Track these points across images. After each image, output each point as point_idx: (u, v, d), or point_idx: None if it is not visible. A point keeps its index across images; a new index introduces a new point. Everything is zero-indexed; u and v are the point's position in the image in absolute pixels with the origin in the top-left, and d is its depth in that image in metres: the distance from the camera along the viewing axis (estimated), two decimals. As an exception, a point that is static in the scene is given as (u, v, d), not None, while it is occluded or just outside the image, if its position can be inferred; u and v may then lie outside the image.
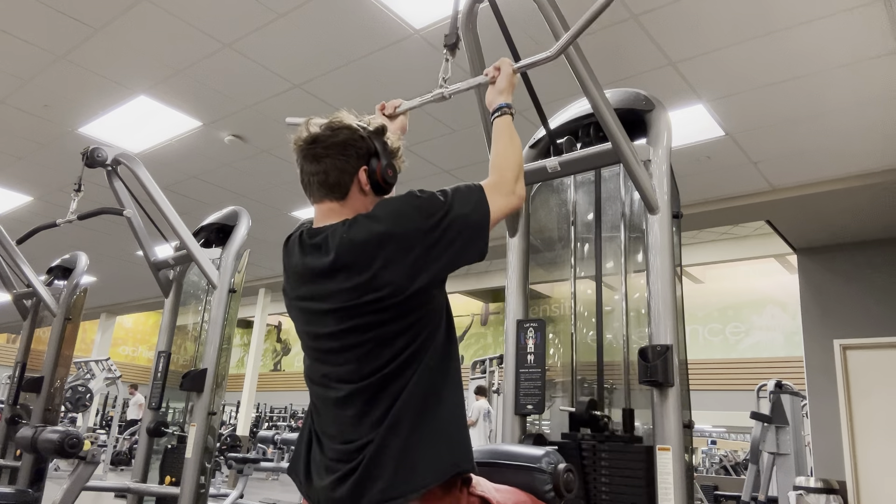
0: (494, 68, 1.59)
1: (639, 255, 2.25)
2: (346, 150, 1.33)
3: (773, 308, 12.21)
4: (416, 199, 1.28)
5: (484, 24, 2.00)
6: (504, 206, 1.36)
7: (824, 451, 6.02)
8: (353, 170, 1.33)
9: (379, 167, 1.34)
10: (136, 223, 3.42)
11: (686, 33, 3.58)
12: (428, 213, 1.27)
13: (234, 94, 4.58)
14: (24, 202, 7.04)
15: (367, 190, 1.35)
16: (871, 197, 5.22)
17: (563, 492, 1.51)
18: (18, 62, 4.31)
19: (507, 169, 1.40)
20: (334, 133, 1.33)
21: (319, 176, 1.33)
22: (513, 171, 1.40)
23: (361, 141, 1.34)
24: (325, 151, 1.32)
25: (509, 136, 1.46)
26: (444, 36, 1.75)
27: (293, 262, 1.37)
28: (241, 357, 19.63)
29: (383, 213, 1.29)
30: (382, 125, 1.40)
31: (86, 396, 9.34)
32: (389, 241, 1.24)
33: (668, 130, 2.14)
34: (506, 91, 1.55)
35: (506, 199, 1.37)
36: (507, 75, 1.57)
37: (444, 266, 1.28)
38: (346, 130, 1.34)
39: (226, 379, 3.21)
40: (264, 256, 8.24)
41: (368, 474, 1.20)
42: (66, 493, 2.63)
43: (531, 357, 2.26)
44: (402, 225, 1.26)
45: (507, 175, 1.39)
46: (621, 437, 2.07)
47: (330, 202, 1.34)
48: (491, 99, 1.57)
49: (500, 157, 1.42)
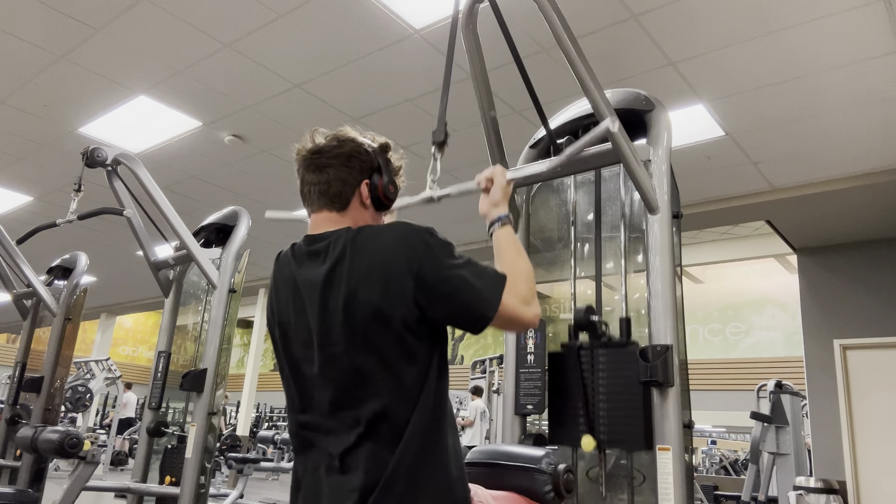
0: (487, 179, 1.50)
1: (639, 255, 2.25)
2: (350, 162, 1.31)
3: (773, 308, 12.21)
4: (431, 238, 1.22)
5: (484, 25, 2.00)
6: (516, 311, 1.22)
7: (824, 451, 6.02)
8: (355, 182, 1.32)
9: (381, 183, 1.33)
10: (136, 223, 3.42)
11: (686, 33, 3.58)
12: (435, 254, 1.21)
13: (234, 94, 4.58)
14: (24, 202, 7.05)
15: (368, 204, 1.33)
16: (871, 197, 5.22)
17: (562, 492, 1.51)
18: (18, 62, 4.32)
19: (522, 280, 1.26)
20: (339, 145, 1.31)
21: (321, 186, 1.31)
22: (528, 283, 1.27)
23: (366, 155, 1.33)
24: (328, 162, 1.31)
25: (516, 248, 1.35)
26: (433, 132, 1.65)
27: (284, 275, 1.32)
28: (241, 357, 19.63)
29: (394, 233, 1.23)
30: (387, 142, 1.38)
31: (86, 396, 9.35)
32: (393, 262, 1.19)
33: (668, 130, 2.14)
34: (501, 203, 1.45)
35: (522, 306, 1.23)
36: (501, 186, 1.47)
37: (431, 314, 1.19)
38: (351, 143, 1.32)
39: (225, 379, 3.21)
40: (264, 256, 8.22)
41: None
42: (66, 493, 2.63)
43: (531, 357, 2.27)
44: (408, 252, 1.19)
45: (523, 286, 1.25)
46: (618, 341, 2.12)
47: (329, 211, 1.32)
48: (486, 211, 1.46)
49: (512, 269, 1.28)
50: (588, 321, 2.13)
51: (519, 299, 1.23)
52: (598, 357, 2.11)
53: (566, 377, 2.16)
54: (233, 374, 17.26)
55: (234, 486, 6.07)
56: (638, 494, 2.06)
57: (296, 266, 1.31)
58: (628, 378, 2.00)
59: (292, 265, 1.32)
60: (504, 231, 1.39)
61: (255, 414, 15.14)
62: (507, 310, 1.20)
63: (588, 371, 2.11)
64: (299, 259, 1.31)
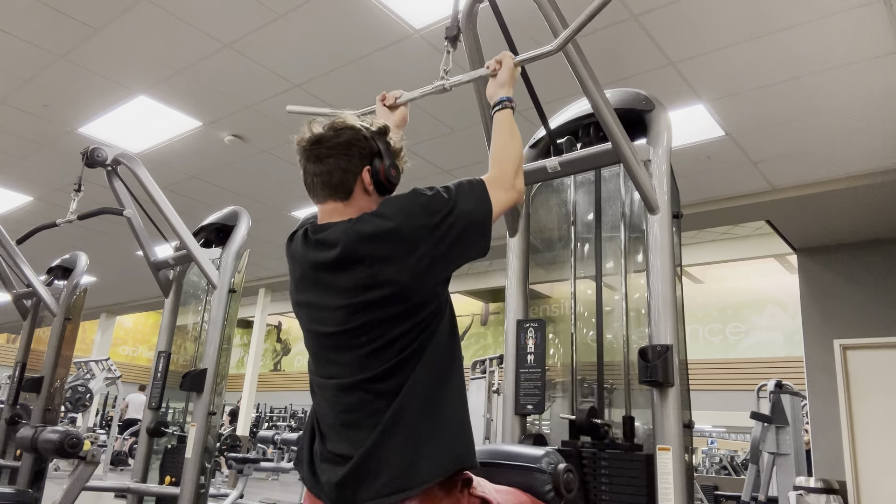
0: (496, 61, 1.59)
1: (639, 255, 2.25)
2: (350, 150, 1.32)
3: (773, 308, 12.20)
4: (422, 197, 1.29)
5: (484, 25, 2.00)
6: (504, 201, 1.37)
7: (824, 451, 6.02)
8: (356, 170, 1.33)
9: (382, 167, 1.34)
10: (136, 223, 3.42)
11: (686, 33, 3.58)
12: (433, 210, 1.28)
13: (234, 94, 4.58)
14: (24, 202, 7.04)
15: (371, 190, 1.34)
16: (872, 197, 5.22)
17: (563, 492, 1.51)
18: (18, 62, 4.31)
19: (506, 162, 1.41)
20: (337, 133, 1.33)
21: (323, 176, 1.33)
22: (513, 164, 1.41)
23: (364, 141, 1.34)
24: (328, 152, 1.32)
25: (510, 129, 1.47)
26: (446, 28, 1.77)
27: (297, 258, 1.38)
28: (241, 357, 19.63)
29: (390, 210, 1.29)
30: (385, 125, 1.40)
31: (86, 396, 9.34)
32: (396, 238, 1.25)
33: (668, 130, 2.14)
34: (507, 84, 1.55)
35: (506, 193, 1.38)
36: (508, 68, 1.57)
37: (448, 263, 1.30)
38: (349, 131, 1.33)
39: (225, 380, 3.21)
40: (264, 256, 8.23)
41: (368, 469, 1.20)
42: (66, 493, 2.63)
43: (531, 357, 2.26)
44: (409, 222, 1.26)
45: (507, 169, 1.40)
46: (622, 444, 2.06)
47: (334, 202, 1.34)
48: (492, 92, 1.57)
49: (501, 150, 1.43)
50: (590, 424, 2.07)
51: (503, 188, 1.37)
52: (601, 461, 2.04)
53: None
54: (233, 374, 17.26)
55: (234, 486, 6.07)
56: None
57: (304, 250, 1.36)
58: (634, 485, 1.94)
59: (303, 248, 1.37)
60: (504, 113, 1.50)
61: (255, 414, 15.14)
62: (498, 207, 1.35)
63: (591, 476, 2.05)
64: (309, 244, 1.36)
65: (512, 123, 1.48)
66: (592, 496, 2.03)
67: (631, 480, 1.96)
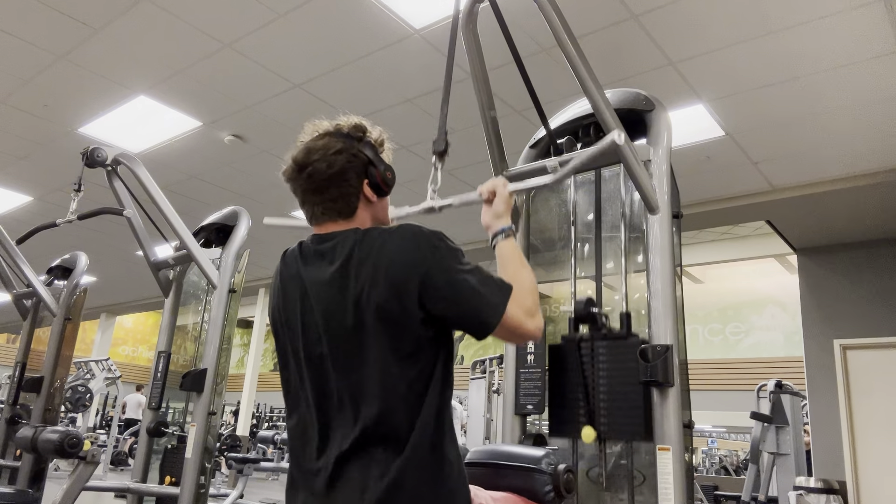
0: (489, 190, 1.49)
1: (639, 255, 2.25)
2: (346, 174, 1.29)
3: (773, 308, 12.21)
4: (440, 241, 1.23)
5: (484, 25, 2.00)
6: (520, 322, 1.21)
7: (824, 451, 6.02)
8: (357, 190, 1.31)
9: (378, 173, 1.32)
10: (136, 223, 3.42)
11: (686, 33, 3.58)
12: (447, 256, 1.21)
13: (234, 94, 4.58)
14: (24, 202, 7.04)
15: (373, 199, 1.33)
16: (872, 197, 5.22)
17: (563, 492, 1.51)
18: (18, 62, 4.31)
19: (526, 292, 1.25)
20: (330, 164, 1.28)
21: (325, 204, 1.30)
22: (532, 294, 1.27)
23: (355, 159, 1.31)
24: (326, 183, 1.29)
25: (520, 260, 1.35)
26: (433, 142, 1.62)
27: (291, 272, 1.32)
28: (241, 357, 19.63)
29: (403, 235, 1.23)
30: (360, 124, 1.35)
31: (86, 396, 9.33)
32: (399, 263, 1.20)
33: (668, 130, 2.14)
34: (504, 215, 1.44)
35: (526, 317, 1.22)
36: (503, 198, 1.46)
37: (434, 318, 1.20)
38: (340, 157, 1.29)
39: (225, 380, 3.21)
40: (264, 256, 8.21)
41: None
42: (66, 493, 2.63)
43: (531, 357, 2.26)
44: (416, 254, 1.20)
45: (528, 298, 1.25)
46: (618, 333, 2.14)
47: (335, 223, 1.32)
48: (489, 223, 1.45)
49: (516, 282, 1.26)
50: (588, 313, 2.15)
51: (523, 311, 1.22)
52: (598, 349, 2.13)
53: (566, 369, 2.18)
54: (233, 374, 17.26)
55: (234, 486, 6.07)
56: (638, 494, 2.06)
57: (303, 265, 1.30)
58: (629, 370, 2.02)
59: (299, 263, 1.31)
60: (507, 243, 1.39)
61: (256, 414, 15.14)
62: (511, 320, 1.20)
63: (588, 363, 2.13)
64: (307, 258, 1.31)
65: (520, 253, 1.37)
66: (590, 385, 2.11)
67: (628, 366, 2.03)
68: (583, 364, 2.13)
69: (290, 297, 1.31)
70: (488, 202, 1.48)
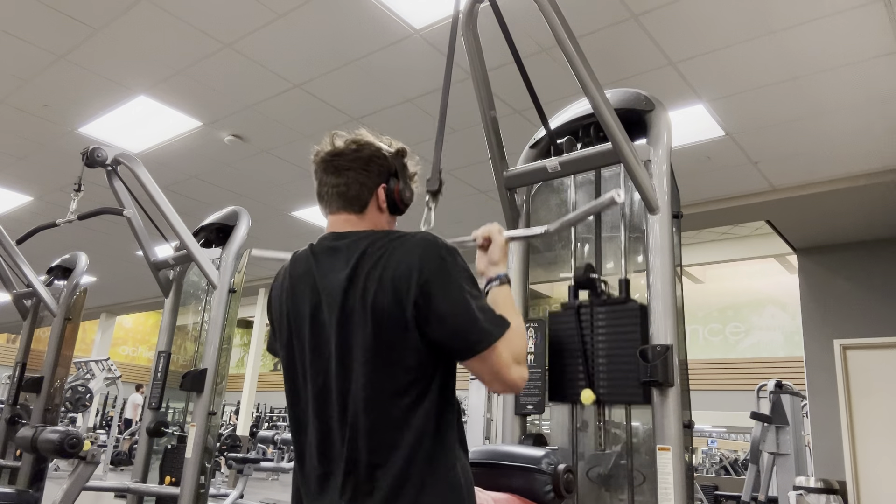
0: (484, 237, 1.47)
1: (639, 255, 2.25)
2: (369, 165, 1.31)
3: (773, 308, 12.22)
4: (450, 255, 1.21)
5: (484, 25, 2.01)
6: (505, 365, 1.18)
7: (824, 451, 6.02)
8: (373, 185, 1.32)
9: (397, 188, 1.33)
10: (136, 223, 3.42)
11: (686, 33, 3.58)
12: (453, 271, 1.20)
13: (234, 94, 4.58)
14: (24, 202, 7.04)
15: (384, 208, 1.33)
16: (872, 197, 5.22)
17: (562, 492, 1.51)
18: (18, 62, 4.31)
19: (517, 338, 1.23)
20: (359, 148, 1.32)
21: (340, 188, 1.31)
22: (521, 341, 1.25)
23: (384, 159, 1.33)
24: (348, 164, 1.31)
25: (513, 308, 1.32)
26: (427, 181, 1.61)
27: (300, 272, 1.31)
28: (241, 357, 19.64)
29: (414, 241, 1.22)
30: (403, 147, 1.38)
31: (86, 396, 9.33)
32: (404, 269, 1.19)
33: (668, 130, 2.14)
34: (500, 262, 1.43)
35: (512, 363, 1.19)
36: (499, 246, 1.45)
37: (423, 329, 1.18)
38: (369, 147, 1.33)
39: (225, 380, 3.21)
40: (264, 256, 8.23)
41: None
42: (66, 493, 2.63)
43: (531, 357, 2.26)
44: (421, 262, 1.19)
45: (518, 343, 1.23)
46: (617, 298, 2.18)
47: (347, 214, 1.32)
48: (484, 269, 1.45)
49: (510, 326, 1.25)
50: (588, 279, 2.19)
51: (511, 354, 1.19)
52: (597, 314, 2.17)
53: (566, 335, 2.21)
54: (233, 374, 17.26)
55: (234, 486, 6.07)
56: (638, 494, 2.06)
57: (315, 264, 1.29)
58: (627, 334, 2.06)
59: (311, 262, 1.30)
60: (502, 290, 1.37)
61: (256, 414, 15.14)
62: (498, 358, 1.17)
63: (588, 328, 2.18)
64: (319, 256, 1.30)
65: (512, 302, 1.36)
66: (590, 349, 2.15)
67: (627, 330, 2.07)
68: (582, 329, 2.18)
69: (298, 297, 1.30)
70: (483, 248, 1.47)
